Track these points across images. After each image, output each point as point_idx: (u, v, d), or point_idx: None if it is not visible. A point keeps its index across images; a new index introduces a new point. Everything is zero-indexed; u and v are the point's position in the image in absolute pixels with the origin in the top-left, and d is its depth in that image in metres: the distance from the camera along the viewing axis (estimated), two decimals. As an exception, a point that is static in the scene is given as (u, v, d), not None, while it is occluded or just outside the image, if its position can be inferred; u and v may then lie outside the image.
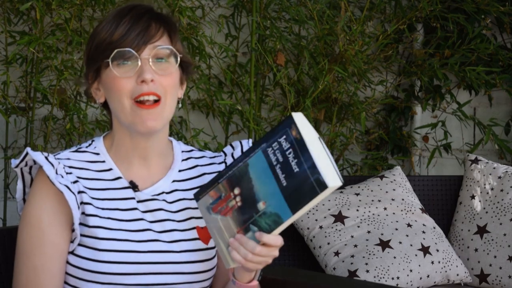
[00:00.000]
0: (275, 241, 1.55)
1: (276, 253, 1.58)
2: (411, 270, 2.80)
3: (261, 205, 1.53)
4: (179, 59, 1.67)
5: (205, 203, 1.62)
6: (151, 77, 1.62)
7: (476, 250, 2.98)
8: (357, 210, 2.94)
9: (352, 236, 2.86)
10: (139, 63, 1.63)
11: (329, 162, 1.51)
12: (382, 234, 2.86)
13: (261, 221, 1.53)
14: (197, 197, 1.65)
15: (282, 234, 3.17)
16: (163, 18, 1.68)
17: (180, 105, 1.73)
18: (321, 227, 2.90)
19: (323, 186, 1.46)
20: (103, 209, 1.66)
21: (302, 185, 1.48)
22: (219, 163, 1.80)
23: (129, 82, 1.63)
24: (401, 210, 2.97)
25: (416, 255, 2.83)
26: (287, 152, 1.50)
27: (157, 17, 1.67)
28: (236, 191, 1.56)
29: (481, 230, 3.01)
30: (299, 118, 1.52)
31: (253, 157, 1.55)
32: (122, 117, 1.66)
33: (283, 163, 1.50)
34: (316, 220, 2.91)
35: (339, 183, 1.48)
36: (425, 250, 2.85)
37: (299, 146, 1.49)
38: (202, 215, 1.64)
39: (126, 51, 1.63)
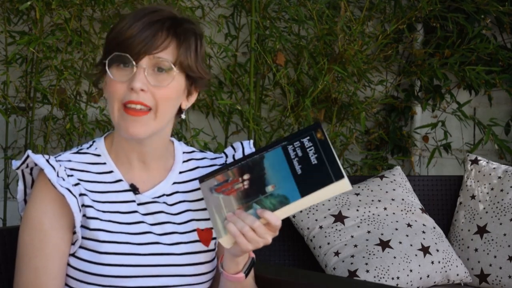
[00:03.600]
0: (276, 220, 1.57)
1: (269, 238, 1.60)
2: (411, 270, 2.80)
3: (269, 188, 1.58)
4: (174, 70, 1.63)
5: (209, 184, 1.66)
6: (140, 86, 1.61)
7: (476, 250, 2.98)
8: (357, 210, 2.93)
9: (352, 236, 2.86)
10: (134, 70, 1.62)
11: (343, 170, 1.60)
12: (382, 234, 2.86)
13: (266, 201, 1.58)
14: (201, 179, 1.68)
15: (282, 234, 3.17)
16: (175, 28, 1.65)
17: (183, 116, 1.73)
18: (321, 227, 2.90)
19: (340, 176, 1.54)
20: (104, 212, 1.67)
21: (318, 172, 1.55)
22: (220, 165, 1.80)
23: (122, 87, 1.63)
24: (401, 210, 2.97)
25: (416, 255, 2.83)
26: (308, 149, 1.59)
27: (170, 26, 1.65)
28: (246, 176, 1.62)
29: (481, 230, 3.00)
30: (324, 129, 1.63)
31: (271, 152, 1.62)
32: (112, 119, 1.66)
33: (302, 157, 1.59)
34: (316, 220, 2.91)
35: (350, 186, 1.56)
36: (425, 250, 2.85)
37: (322, 145, 1.58)
38: (203, 195, 1.67)
39: (124, 56, 1.62)
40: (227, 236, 1.60)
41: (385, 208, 2.96)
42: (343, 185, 1.54)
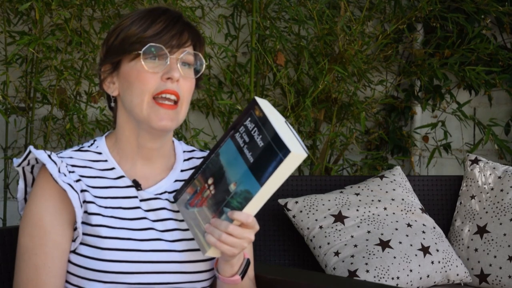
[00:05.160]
0: (246, 218, 1.55)
1: (251, 236, 1.59)
2: (411, 270, 2.80)
3: (232, 187, 1.55)
4: (204, 66, 1.71)
5: (183, 201, 1.65)
6: (178, 76, 1.65)
7: (476, 250, 2.98)
8: (357, 210, 2.94)
9: (352, 236, 2.86)
10: (168, 62, 1.65)
11: (294, 137, 1.53)
12: (382, 234, 2.86)
13: (233, 201, 1.55)
14: (175, 198, 1.68)
15: (282, 234, 3.16)
16: (193, 28, 1.71)
17: None
18: (321, 227, 2.90)
19: (286, 151, 1.47)
20: (106, 207, 1.67)
21: (267, 155, 1.50)
22: None
23: (154, 78, 1.65)
24: (401, 210, 2.97)
25: (416, 255, 2.83)
26: (252, 132, 1.54)
27: (188, 26, 1.70)
28: (210, 181, 1.60)
29: (481, 230, 3.00)
30: (263, 102, 1.56)
31: (223, 146, 1.59)
32: (137, 112, 1.67)
33: (249, 142, 1.54)
34: (316, 220, 2.91)
35: (303, 153, 1.50)
36: (425, 250, 2.85)
37: (262, 122, 1.52)
38: (181, 213, 1.67)
39: (159, 47, 1.65)
40: (212, 248, 1.60)
41: (385, 208, 2.96)
42: (296, 157, 1.48)
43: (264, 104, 1.56)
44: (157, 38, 1.65)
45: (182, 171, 1.77)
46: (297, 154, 1.48)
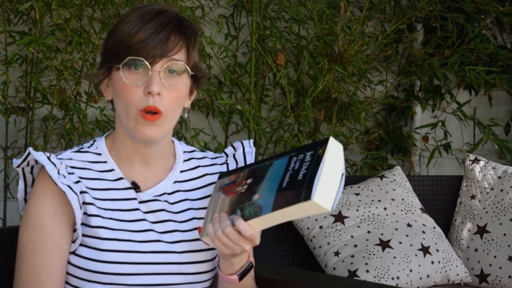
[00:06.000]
0: (245, 230, 1.55)
1: (245, 246, 1.58)
2: (411, 270, 2.80)
3: (256, 197, 1.57)
4: (190, 73, 1.66)
5: (222, 182, 1.67)
6: (158, 90, 1.61)
7: (476, 250, 2.98)
8: (357, 210, 2.94)
9: (352, 236, 2.86)
10: (150, 73, 1.62)
11: (333, 190, 1.53)
12: (382, 234, 2.86)
13: (247, 209, 1.57)
14: (221, 175, 1.70)
15: (282, 234, 3.16)
16: (184, 29, 1.66)
17: (186, 115, 1.74)
18: (321, 227, 2.90)
19: (307, 196, 1.48)
20: (105, 209, 1.67)
21: (295, 189, 1.51)
22: (221, 164, 1.81)
23: (137, 91, 1.63)
24: (401, 210, 2.97)
25: (416, 255, 2.83)
26: (304, 163, 1.55)
27: (179, 28, 1.65)
28: (249, 180, 1.61)
29: (481, 230, 3.01)
30: (335, 146, 1.56)
31: (280, 160, 1.60)
32: (125, 122, 1.66)
33: (296, 170, 1.55)
34: (316, 220, 2.91)
35: (326, 207, 1.50)
36: (425, 250, 2.85)
37: (316, 162, 1.53)
38: (212, 192, 1.69)
39: (139, 60, 1.62)
40: (207, 236, 1.61)
41: (385, 208, 2.96)
42: (313, 206, 1.49)
43: (334, 149, 1.55)
44: (139, 49, 1.61)
45: (181, 171, 1.77)
46: (316, 203, 1.48)
